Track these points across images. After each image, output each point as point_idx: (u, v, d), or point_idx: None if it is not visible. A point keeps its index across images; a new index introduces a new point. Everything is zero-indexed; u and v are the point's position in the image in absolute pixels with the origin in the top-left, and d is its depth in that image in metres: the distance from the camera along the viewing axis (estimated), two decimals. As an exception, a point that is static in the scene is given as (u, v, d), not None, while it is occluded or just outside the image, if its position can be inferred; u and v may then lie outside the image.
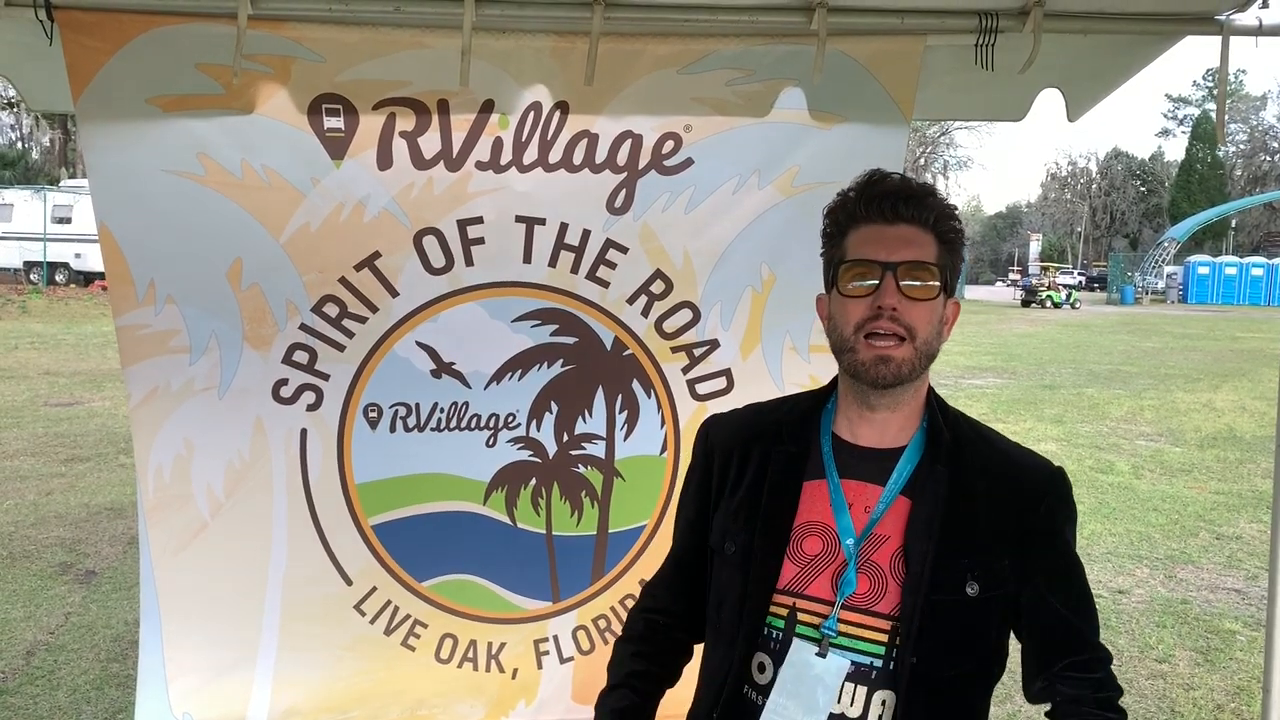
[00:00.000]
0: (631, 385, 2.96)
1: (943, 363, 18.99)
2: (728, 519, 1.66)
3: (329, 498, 2.89)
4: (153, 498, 2.81)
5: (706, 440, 1.78)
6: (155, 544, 2.82)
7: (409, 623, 2.98)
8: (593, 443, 2.98)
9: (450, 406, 2.90)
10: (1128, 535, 7.51)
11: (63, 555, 6.51)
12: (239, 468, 2.84)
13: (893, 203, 1.55)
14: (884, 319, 1.51)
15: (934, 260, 1.54)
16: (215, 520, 2.84)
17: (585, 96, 2.66)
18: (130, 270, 2.68)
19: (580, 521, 3.02)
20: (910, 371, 1.54)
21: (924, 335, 1.53)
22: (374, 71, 2.60)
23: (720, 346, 2.93)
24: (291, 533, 2.88)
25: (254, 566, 2.88)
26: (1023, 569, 1.58)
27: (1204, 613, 5.90)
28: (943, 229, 1.57)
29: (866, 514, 1.58)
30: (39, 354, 17.03)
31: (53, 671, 4.72)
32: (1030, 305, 44.95)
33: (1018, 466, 1.65)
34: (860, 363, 1.53)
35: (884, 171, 1.60)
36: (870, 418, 1.61)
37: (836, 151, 2.74)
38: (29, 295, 25.32)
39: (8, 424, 10.83)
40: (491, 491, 2.97)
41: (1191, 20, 2.51)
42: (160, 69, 2.53)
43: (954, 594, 1.54)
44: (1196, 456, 10.59)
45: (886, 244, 1.53)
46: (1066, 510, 1.65)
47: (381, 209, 2.73)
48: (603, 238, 2.82)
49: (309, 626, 2.93)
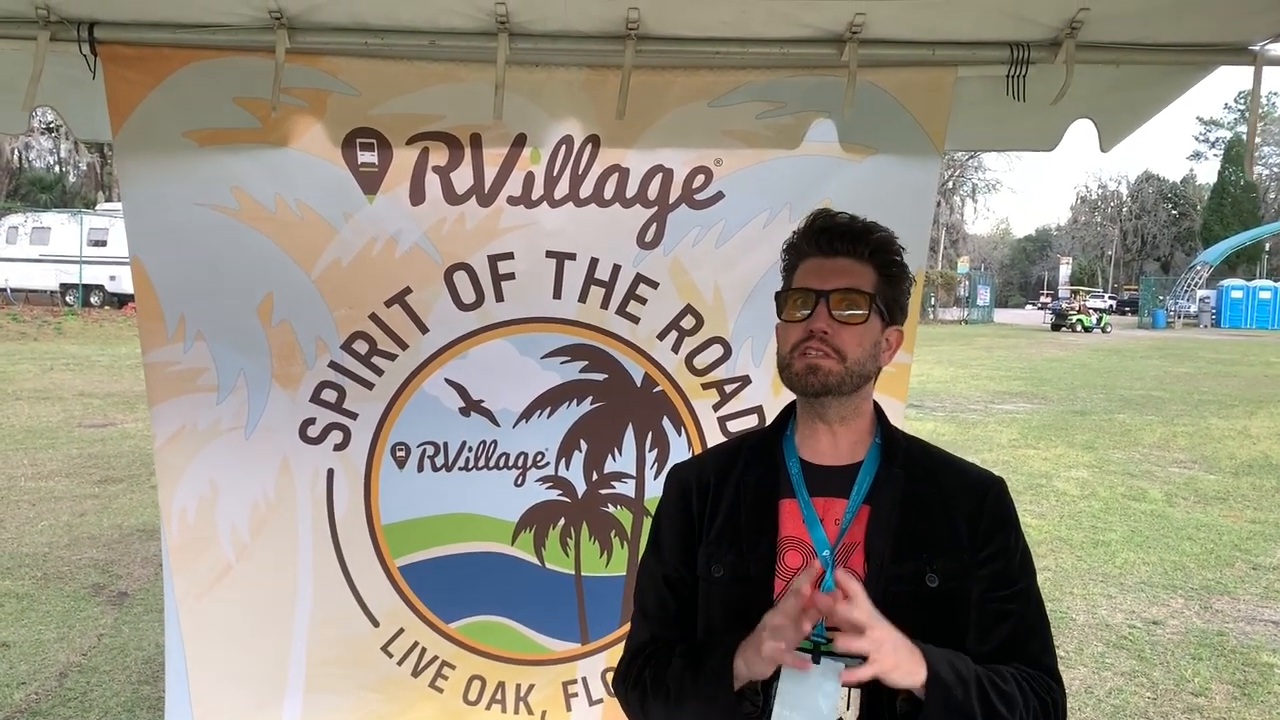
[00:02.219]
0: (662, 422, 2.94)
1: (972, 387, 18.95)
2: (710, 545, 1.74)
3: (355, 539, 2.88)
4: (177, 539, 2.80)
5: (681, 484, 1.84)
6: (179, 587, 2.81)
7: (437, 664, 2.96)
8: (622, 481, 2.96)
9: (479, 445, 2.89)
10: (1161, 564, 7.39)
11: (95, 576, 6.56)
12: (264, 509, 2.83)
13: (829, 238, 1.70)
14: (814, 340, 1.65)
15: (868, 289, 1.68)
16: (240, 562, 2.83)
17: (616, 130, 2.67)
18: (161, 305, 2.69)
19: (610, 562, 2.99)
20: (839, 384, 1.65)
21: (854, 356, 1.66)
22: (408, 105, 2.62)
23: (752, 383, 2.91)
24: (317, 574, 2.87)
25: (280, 608, 2.87)
26: (976, 565, 1.67)
27: (1241, 645, 5.79)
28: (881, 260, 1.70)
29: (836, 525, 1.68)
30: (74, 375, 17.23)
31: (85, 693, 4.74)
32: (1060, 329, 44.51)
33: (963, 474, 1.77)
34: (795, 373, 1.67)
35: (830, 210, 1.75)
36: (825, 430, 1.73)
37: (869, 184, 2.72)
38: (65, 317, 25.68)
39: (43, 445, 10.96)
40: (520, 532, 2.94)
41: (1225, 50, 2.50)
42: (198, 103, 2.56)
43: (913, 585, 1.64)
44: (1231, 484, 10.42)
45: (823, 274, 1.68)
46: (1006, 510, 1.74)
47: (413, 244, 2.73)
48: (633, 273, 2.82)
49: (336, 668, 2.91)
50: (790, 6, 2.34)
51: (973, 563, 1.67)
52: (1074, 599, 6.54)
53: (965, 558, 1.66)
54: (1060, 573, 7.06)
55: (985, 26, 2.45)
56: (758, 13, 2.36)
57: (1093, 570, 7.19)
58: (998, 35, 2.50)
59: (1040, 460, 11.57)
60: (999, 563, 1.68)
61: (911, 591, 1.63)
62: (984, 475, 1.77)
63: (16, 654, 5.23)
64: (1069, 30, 2.39)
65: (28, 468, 9.82)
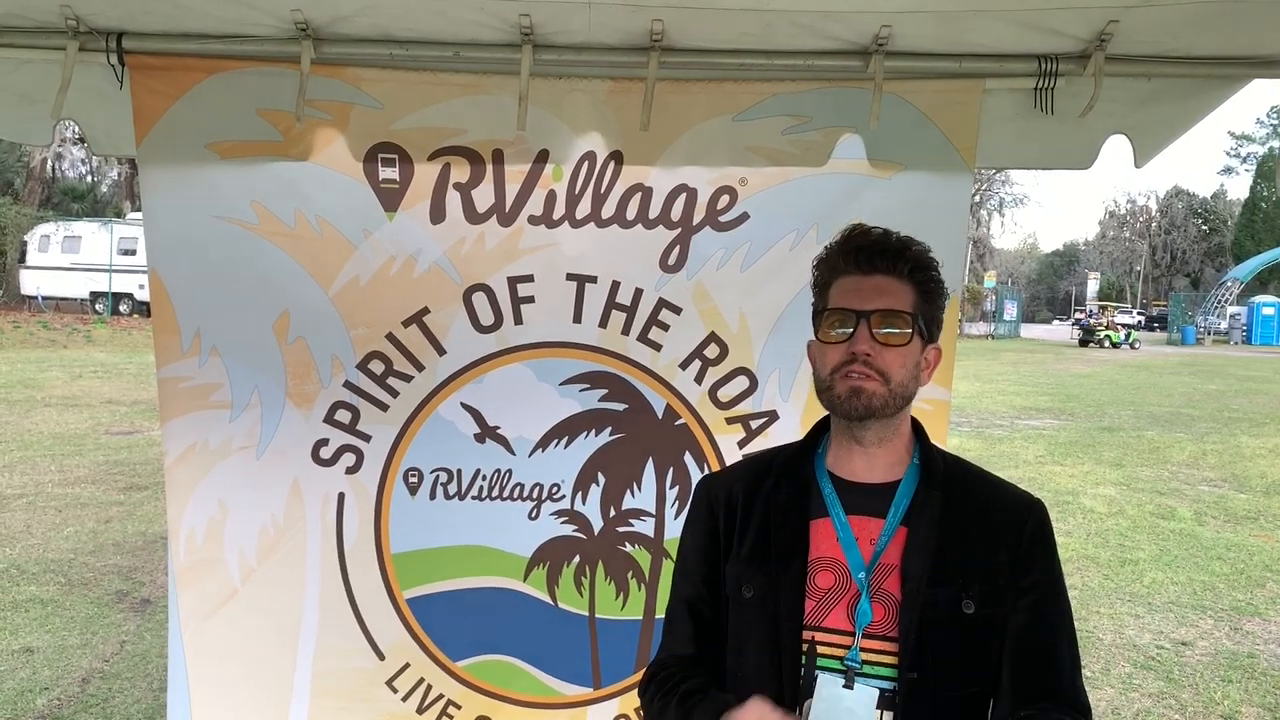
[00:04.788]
0: (684, 458, 2.83)
1: (998, 402, 18.80)
2: (740, 565, 1.72)
3: (363, 567, 2.81)
4: (184, 560, 2.76)
5: (709, 496, 1.82)
6: (184, 608, 2.77)
7: (442, 703, 2.87)
8: (641, 519, 2.86)
9: (493, 474, 2.81)
10: (1191, 585, 7.29)
11: (119, 583, 6.61)
12: (273, 533, 2.78)
13: (868, 255, 1.66)
14: (858, 364, 1.61)
15: (908, 309, 1.65)
16: (246, 586, 2.78)
17: (639, 145, 2.63)
18: (177, 318, 2.67)
19: (626, 604, 2.86)
20: (883, 406, 1.62)
21: (898, 378, 1.63)
22: (431, 118, 2.61)
23: (779, 419, 2.80)
24: (324, 602, 2.80)
25: (284, 635, 2.80)
26: (1015, 593, 1.64)
27: (1272, 667, 5.69)
28: (920, 279, 1.68)
29: (872, 545, 1.66)
30: (102, 383, 17.40)
31: (107, 700, 4.77)
32: (1088, 345, 44.13)
33: (1003, 495, 1.73)
34: (837, 396, 1.64)
35: (865, 225, 1.71)
36: (860, 452, 1.70)
37: (898, 202, 2.63)
38: (94, 325, 25.97)
39: (70, 451, 11.06)
40: (532, 568, 2.85)
41: (1257, 64, 2.47)
42: (221, 114, 2.56)
43: (950, 610, 1.61)
44: (1262, 503, 10.28)
45: (862, 294, 1.65)
46: (1046, 539, 1.70)
47: (432, 264, 2.70)
48: (655, 297, 2.75)
49: (339, 701, 2.84)
50: (815, 18, 2.32)
51: (1010, 588, 1.63)
52: (1101, 618, 6.46)
53: (1003, 583, 1.63)
54: (1087, 591, 6.97)
55: (1013, 38, 2.42)
56: (782, 25, 2.35)
57: (1120, 589, 7.11)
58: (1025, 48, 2.47)
59: (1067, 477, 11.45)
60: (1039, 593, 1.65)
61: (948, 617, 1.60)
62: (1025, 498, 1.73)
63: (40, 659, 5.28)
64: (1098, 42, 2.37)
65: (55, 474, 9.92)
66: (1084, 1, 2.21)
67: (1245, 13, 2.21)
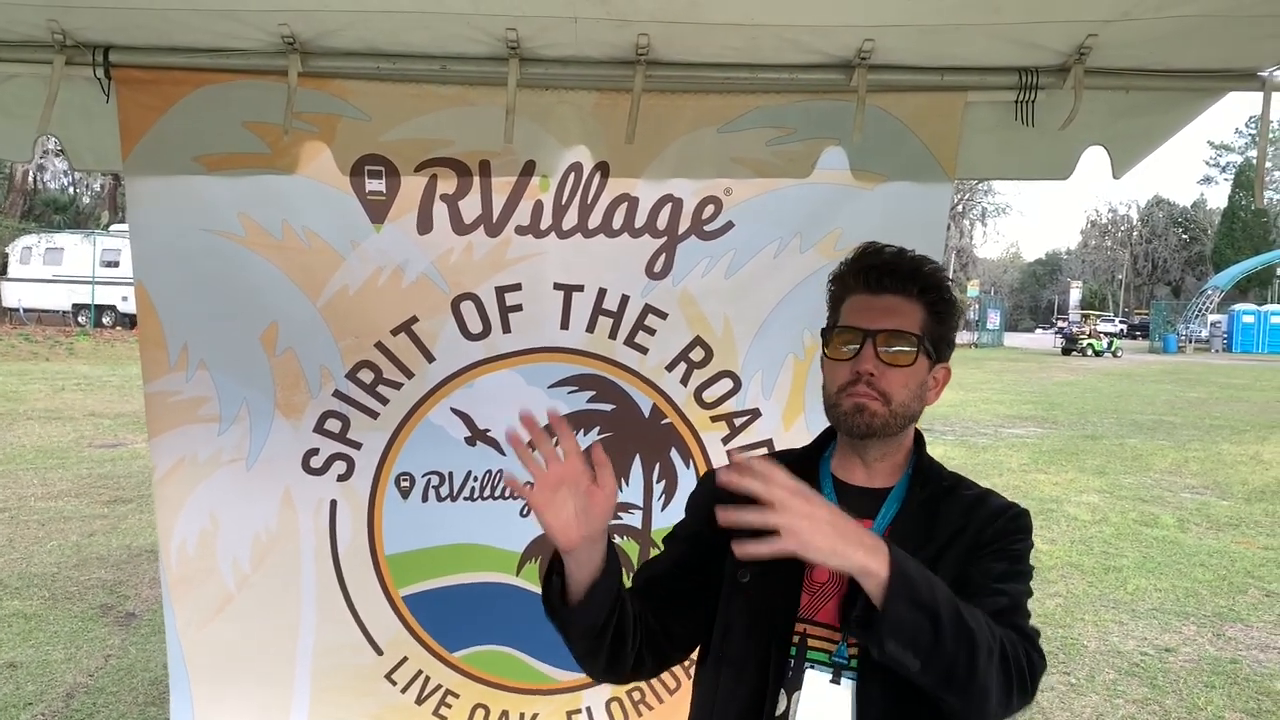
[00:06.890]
0: (669, 454, 2.92)
1: (982, 411, 18.88)
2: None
3: (358, 569, 2.86)
4: (176, 572, 2.79)
5: (714, 490, 1.79)
6: (180, 618, 2.81)
7: (440, 693, 2.95)
8: (629, 513, 2.94)
9: (484, 475, 2.87)
10: (1173, 591, 7.34)
11: (104, 597, 6.57)
12: (265, 541, 2.81)
13: (879, 275, 1.69)
14: (861, 383, 1.65)
15: (915, 329, 1.67)
16: (241, 593, 2.82)
17: (625, 157, 2.66)
18: (164, 333, 2.67)
19: None
20: (884, 426, 1.66)
21: (899, 399, 1.66)
22: (418, 130, 2.62)
23: (762, 416, 2.89)
24: (320, 604, 2.85)
25: (283, 637, 2.86)
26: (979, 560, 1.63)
27: (1254, 673, 5.73)
28: (930, 299, 1.70)
29: None
30: (85, 396, 17.30)
31: (91, 714, 4.74)
32: (1071, 353, 44.39)
33: (987, 505, 1.73)
34: (842, 413, 1.68)
35: (879, 244, 1.73)
36: (862, 463, 1.75)
37: (880, 212, 2.70)
38: (76, 337, 25.81)
39: (53, 465, 10.99)
40: (525, 562, 2.93)
41: (1234, 77, 2.50)
42: (208, 127, 2.56)
43: None
44: (1244, 510, 10.35)
45: (870, 313, 1.67)
46: (1021, 531, 1.69)
47: (420, 274, 2.72)
48: (641, 303, 2.80)
49: (339, 696, 2.90)
50: (799, 32, 2.34)
51: (975, 557, 1.62)
52: (1085, 625, 6.49)
53: (969, 557, 1.63)
54: (1071, 599, 7.01)
55: (994, 52, 2.45)
56: (767, 39, 2.37)
57: (1104, 596, 7.14)
58: (1007, 61, 2.50)
59: (1051, 485, 11.52)
60: (1000, 558, 1.62)
61: None
62: (1011, 508, 1.74)
63: (24, 674, 5.24)
64: (1077, 56, 2.39)
65: (38, 487, 9.85)
66: (1064, 15, 2.23)
67: (1221, 28, 2.24)
